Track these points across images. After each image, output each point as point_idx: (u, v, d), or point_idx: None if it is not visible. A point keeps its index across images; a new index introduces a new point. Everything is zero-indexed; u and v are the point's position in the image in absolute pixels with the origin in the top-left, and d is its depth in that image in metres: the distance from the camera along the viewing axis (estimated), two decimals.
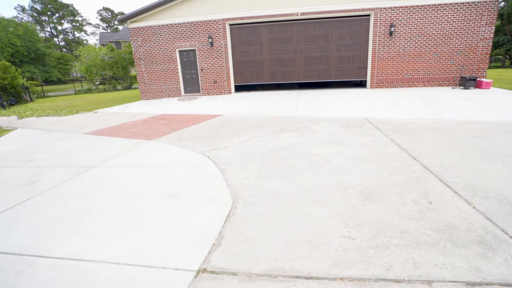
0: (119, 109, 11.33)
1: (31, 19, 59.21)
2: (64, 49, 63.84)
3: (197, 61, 12.33)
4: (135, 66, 12.74)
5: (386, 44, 11.09)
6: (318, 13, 11.17)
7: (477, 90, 10.05)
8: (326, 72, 12.09)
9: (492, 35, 10.58)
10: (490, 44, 10.66)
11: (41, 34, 60.50)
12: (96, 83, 27.88)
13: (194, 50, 12.26)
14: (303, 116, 7.54)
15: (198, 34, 11.97)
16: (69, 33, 67.63)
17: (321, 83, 14.75)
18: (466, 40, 10.71)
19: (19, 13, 58.29)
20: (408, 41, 10.93)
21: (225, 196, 3.28)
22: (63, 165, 4.80)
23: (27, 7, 59.43)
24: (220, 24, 11.74)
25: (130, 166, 4.55)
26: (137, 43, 12.44)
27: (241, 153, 4.76)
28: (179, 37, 12.13)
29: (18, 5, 67.21)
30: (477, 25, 10.52)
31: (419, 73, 11.22)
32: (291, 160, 4.26)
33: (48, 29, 64.49)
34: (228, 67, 12.23)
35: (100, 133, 7.33)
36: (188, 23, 11.89)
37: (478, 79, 10.35)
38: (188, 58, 12.44)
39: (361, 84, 12.66)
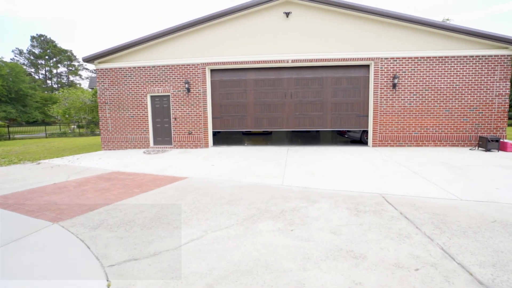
0: (69, 161, 9.21)
1: (26, 61, 59.55)
2: (56, 91, 63.28)
3: (171, 108, 10.57)
4: (99, 111, 10.89)
5: (389, 97, 9.64)
6: (310, 60, 9.87)
7: (502, 153, 8.34)
8: (321, 120, 10.34)
9: (508, 91, 9.28)
10: (507, 101, 9.32)
11: (36, 76, 60.43)
12: (72, 126, 25.98)
13: (168, 96, 10.58)
14: (293, 186, 5.48)
15: (174, 78, 10.41)
16: (63, 76, 67.87)
17: (313, 139, 13.09)
18: (480, 96, 9.36)
19: (15, 56, 58.78)
20: (414, 94, 9.53)
21: None
22: None
23: (25, 51, 60.15)
24: (199, 69, 10.27)
25: None
26: (103, 85, 10.76)
27: (173, 280, 2.53)
28: (152, 81, 10.53)
29: (16, 48, 68.31)
30: (490, 80, 9.28)
31: (429, 131, 9.61)
32: None
33: (43, 71, 64.72)
34: (206, 117, 10.45)
35: (2, 201, 5.07)
36: (163, 66, 10.40)
37: (501, 140, 8.72)
38: (161, 105, 10.69)
39: (361, 141, 10.94)
